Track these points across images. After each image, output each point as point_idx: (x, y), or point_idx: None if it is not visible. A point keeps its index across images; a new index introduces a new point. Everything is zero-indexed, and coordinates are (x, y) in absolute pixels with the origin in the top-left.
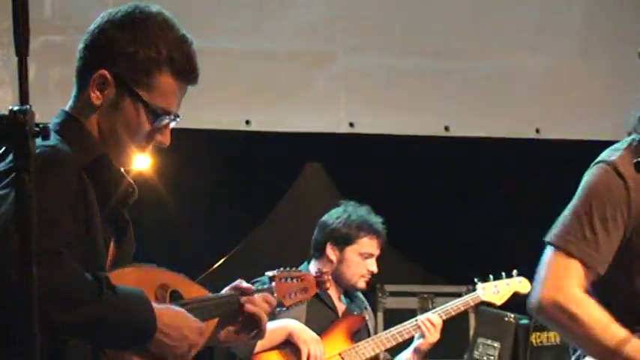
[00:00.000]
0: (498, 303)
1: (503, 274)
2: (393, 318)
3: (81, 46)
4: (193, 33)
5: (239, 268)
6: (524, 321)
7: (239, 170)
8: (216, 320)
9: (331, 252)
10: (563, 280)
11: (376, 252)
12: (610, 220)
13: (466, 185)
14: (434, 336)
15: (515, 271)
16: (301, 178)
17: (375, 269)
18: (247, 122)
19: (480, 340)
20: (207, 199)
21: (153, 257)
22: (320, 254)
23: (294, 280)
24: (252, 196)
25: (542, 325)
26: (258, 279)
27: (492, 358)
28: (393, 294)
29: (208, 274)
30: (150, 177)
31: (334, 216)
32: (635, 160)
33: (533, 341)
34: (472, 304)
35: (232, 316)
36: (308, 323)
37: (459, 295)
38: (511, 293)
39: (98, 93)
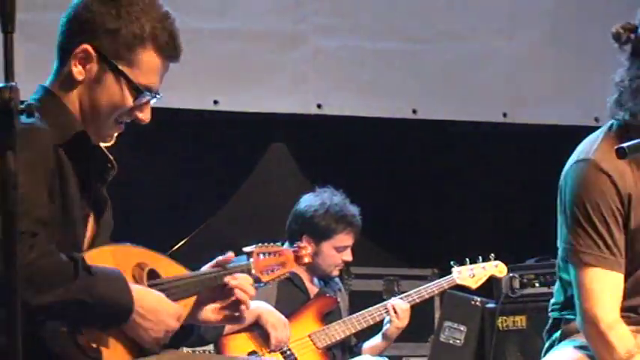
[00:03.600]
0: (474, 287)
1: (480, 257)
2: (359, 300)
3: (63, 20)
4: None
5: (202, 247)
6: (491, 305)
7: (204, 149)
8: (193, 299)
9: (307, 244)
10: (597, 295)
11: (351, 242)
12: (610, 219)
13: (432, 168)
14: (402, 321)
15: (492, 255)
16: (265, 158)
17: (349, 259)
18: (215, 102)
19: (447, 323)
20: (172, 178)
21: (117, 235)
22: (294, 242)
23: (272, 255)
24: (217, 175)
25: (509, 309)
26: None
27: (459, 341)
28: (359, 276)
29: (171, 253)
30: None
31: (312, 207)
32: (616, 147)
33: (500, 325)
34: (447, 287)
35: (213, 295)
36: (278, 304)
37: (424, 278)
38: (487, 277)
39: (80, 68)
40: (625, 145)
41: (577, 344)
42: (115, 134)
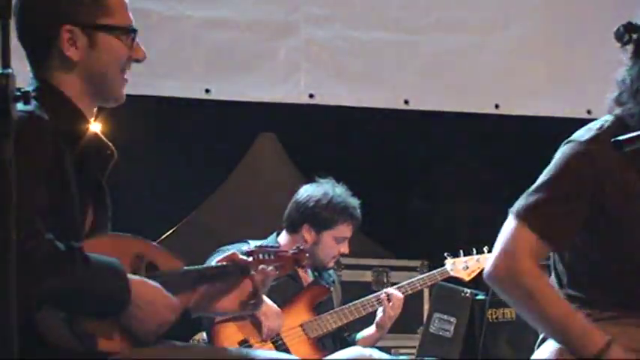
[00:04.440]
0: (466, 279)
1: (474, 250)
2: (348, 291)
3: (25, 21)
4: (155, 0)
5: (190, 236)
6: (481, 297)
7: (194, 138)
8: (199, 291)
9: (307, 233)
10: (520, 252)
11: (349, 235)
12: (573, 201)
13: (423, 160)
14: (395, 310)
15: (485, 248)
16: (254, 147)
17: (346, 251)
18: (207, 91)
19: (436, 315)
20: (160, 167)
21: None
22: (294, 231)
23: (271, 256)
24: (206, 164)
25: (499, 301)
26: (221, 248)
27: (448, 333)
28: (349, 267)
29: (159, 242)
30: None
31: (314, 197)
32: (612, 140)
33: (489, 317)
34: (439, 279)
35: (227, 286)
36: (271, 294)
37: (413, 269)
38: (480, 269)
39: (73, 48)
40: (621, 137)
41: None
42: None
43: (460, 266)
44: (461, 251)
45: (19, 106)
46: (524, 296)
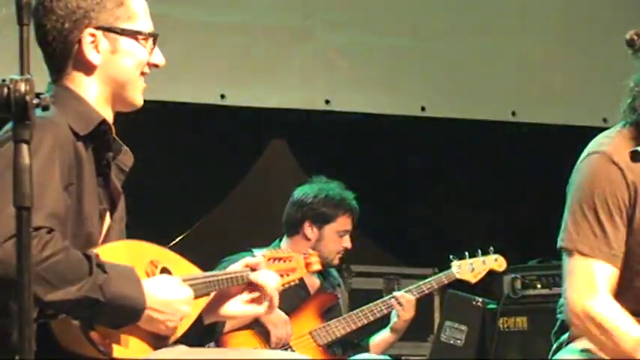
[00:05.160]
0: (473, 281)
1: (480, 251)
2: (359, 298)
3: (46, 24)
4: (171, 5)
5: (202, 242)
6: (492, 305)
7: (208, 143)
8: (208, 297)
9: (309, 230)
10: (587, 284)
11: (350, 228)
12: (615, 212)
13: (437, 167)
14: (409, 312)
15: (491, 248)
16: (265, 154)
17: (349, 245)
18: (222, 96)
19: (448, 323)
20: (173, 171)
21: None
22: (295, 232)
23: (282, 262)
24: (219, 170)
25: (510, 310)
26: (227, 258)
27: (459, 341)
28: (360, 274)
29: (171, 246)
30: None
31: (310, 194)
32: (629, 150)
33: (501, 326)
34: (446, 281)
35: (236, 291)
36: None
37: (424, 277)
38: (486, 271)
39: (95, 52)
40: (639, 148)
41: (584, 347)
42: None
43: (466, 268)
44: (466, 253)
45: (38, 112)
46: (598, 334)
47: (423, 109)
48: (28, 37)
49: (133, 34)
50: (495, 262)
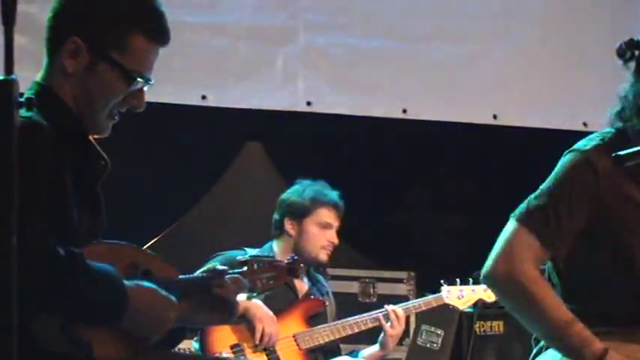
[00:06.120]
0: (461, 308)
1: (470, 280)
2: (335, 302)
3: (49, 15)
4: None
5: (176, 244)
6: (469, 309)
7: (183, 146)
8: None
9: (290, 227)
10: (520, 255)
11: (335, 223)
12: (575, 208)
13: (417, 170)
14: (397, 328)
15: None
16: (240, 157)
17: (335, 240)
18: (204, 97)
19: (424, 327)
20: (146, 173)
21: None
22: (280, 232)
23: (265, 266)
24: (194, 172)
25: (487, 314)
26: (218, 254)
27: (435, 345)
28: (335, 277)
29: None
30: None
31: (290, 193)
32: (613, 155)
33: (477, 330)
34: (434, 304)
35: (204, 298)
36: (266, 301)
37: (400, 280)
38: (475, 300)
39: (71, 61)
40: (622, 152)
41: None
42: (110, 126)
43: (455, 294)
44: (457, 280)
45: (22, 112)
46: (524, 299)
47: (404, 111)
48: (12, 37)
49: (114, 66)
50: (485, 292)
